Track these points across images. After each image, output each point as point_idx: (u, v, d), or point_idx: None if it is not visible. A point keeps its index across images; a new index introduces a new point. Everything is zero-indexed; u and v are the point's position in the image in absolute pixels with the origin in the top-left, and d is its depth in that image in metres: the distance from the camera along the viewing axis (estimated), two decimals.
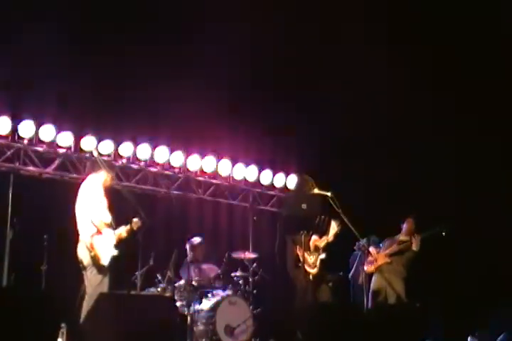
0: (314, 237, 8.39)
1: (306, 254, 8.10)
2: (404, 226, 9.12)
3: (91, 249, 7.04)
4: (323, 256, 8.36)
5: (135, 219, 7.37)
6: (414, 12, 10.10)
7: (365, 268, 8.85)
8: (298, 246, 8.14)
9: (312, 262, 8.24)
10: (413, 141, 10.43)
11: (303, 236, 8.05)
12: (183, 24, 9.76)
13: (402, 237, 9.13)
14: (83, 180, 7.78)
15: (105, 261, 7.09)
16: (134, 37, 9.47)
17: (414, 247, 8.83)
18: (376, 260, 8.90)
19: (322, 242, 8.41)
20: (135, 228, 7.36)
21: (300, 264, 8.08)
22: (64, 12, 8.96)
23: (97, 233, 7.11)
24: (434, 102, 10.33)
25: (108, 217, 7.23)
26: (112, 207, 7.33)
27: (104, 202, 7.24)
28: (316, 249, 8.34)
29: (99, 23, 9.26)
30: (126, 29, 9.42)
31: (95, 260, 7.04)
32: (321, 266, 8.31)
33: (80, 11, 9.10)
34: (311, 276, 8.17)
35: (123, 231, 7.34)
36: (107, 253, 7.13)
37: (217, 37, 9.65)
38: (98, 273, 7.04)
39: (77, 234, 7.21)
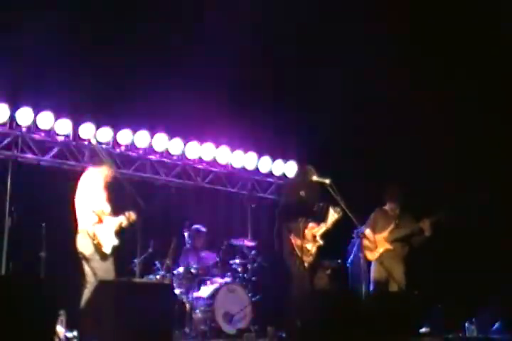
0: (311, 225, 8.35)
1: (301, 242, 8.09)
2: (389, 194, 8.82)
3: (93, 237, 7.05)
4: (320, 243, 8.33)
5: (127, 213, 7.35)
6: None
7: (366, 255, 8.70)
8: (293, 234, 8.12)
9: (308, 250, 8.19)
10: (415, 128, 10.42)
11: (300, 223, 8.03)
12: (183, 13, 9.74)
13: (392, 210, 8.87)
14: (82, 168, 7.77)
15: (107, 249, 7.11)
16: (134, 26, 9.45)
17: (427, 233, 8.69)
18: (376, 245, 8.75)
19: (319, 230, 8.37)
20: (130, 220, 7.34)
21: (295, 252, 8.08)
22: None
23: (98, 222, 7.12)
24: (434, 94, 10.33)
25: (108, 208, 7.23)
26: (111, 197, 7.32)
27: (103, 195, 7.24)
28: (313, 236, 8.30)
29: (99, 13, 9.23)
30: (126, 19, 9.39)
31: (98, 248, 7.05)
32: (317, 254, 8.27)
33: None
34: (306, 264, 8.16)
35: (123, 219, 7.35)
36: (108, 241, 7.15)
37: (217, 26, 9.62)
38: (103, 262, 7.06)
39: (76, 222, 7.21)
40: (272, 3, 9.79)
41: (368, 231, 8.68)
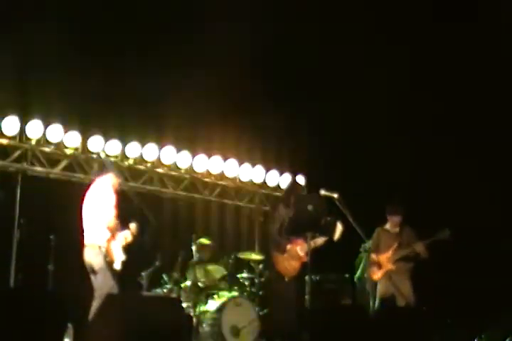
0: (298, 241, 8.46)
1: (282, 257, 8.30)
2: (393, 219, 8.83)
3: (108, 253, 7.09)
4: (305, 260, 8.36)
5: (132, 225, 7.36)
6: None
7: (371, 275, 8.70)
8: (276, 249, 8.29)
9: (288, 266, 8.34)
10: (414, 139, 10.44)
11: (284, 239, 8.28)
12: (183, 23, 9.79)
13: (393, 228, 8.87)
14: (90, 180, 7.76)
15: (117, 265, 7.17)
16: (142, 38, 9.51)
17: (423, 255, 8.64)
18: (380, 266, 8.71)
19: (305, 247, 8.39)
20: (134, 232, 7.36)
21: (275, 266, 8.31)
22: (69, 12, 9.00)
23: (111, 238, 7.15)
24: (434, 103, 10.36)
25: (117, 224, 7.27)
26: (118, 211, 7.33)
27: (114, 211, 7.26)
28: (296, 253, 8.40)
29: (106, 22, 9.29)
30: (131, 28, 9.46)
31: (110, 264, 7.10)
32: (299, 272, 8.38)
33: (83, 11, 9.14)
34: (286, 279, 8.32)
35: (128, 235, 7.36)
36: (118, 257, 7.21)
37: (218, 36, 9.66)
38: (111, 278, 7.09)
39: (83, 235, 7.21)
40: (272, 17, 9.88)
41: (372, 256, 8.66)
